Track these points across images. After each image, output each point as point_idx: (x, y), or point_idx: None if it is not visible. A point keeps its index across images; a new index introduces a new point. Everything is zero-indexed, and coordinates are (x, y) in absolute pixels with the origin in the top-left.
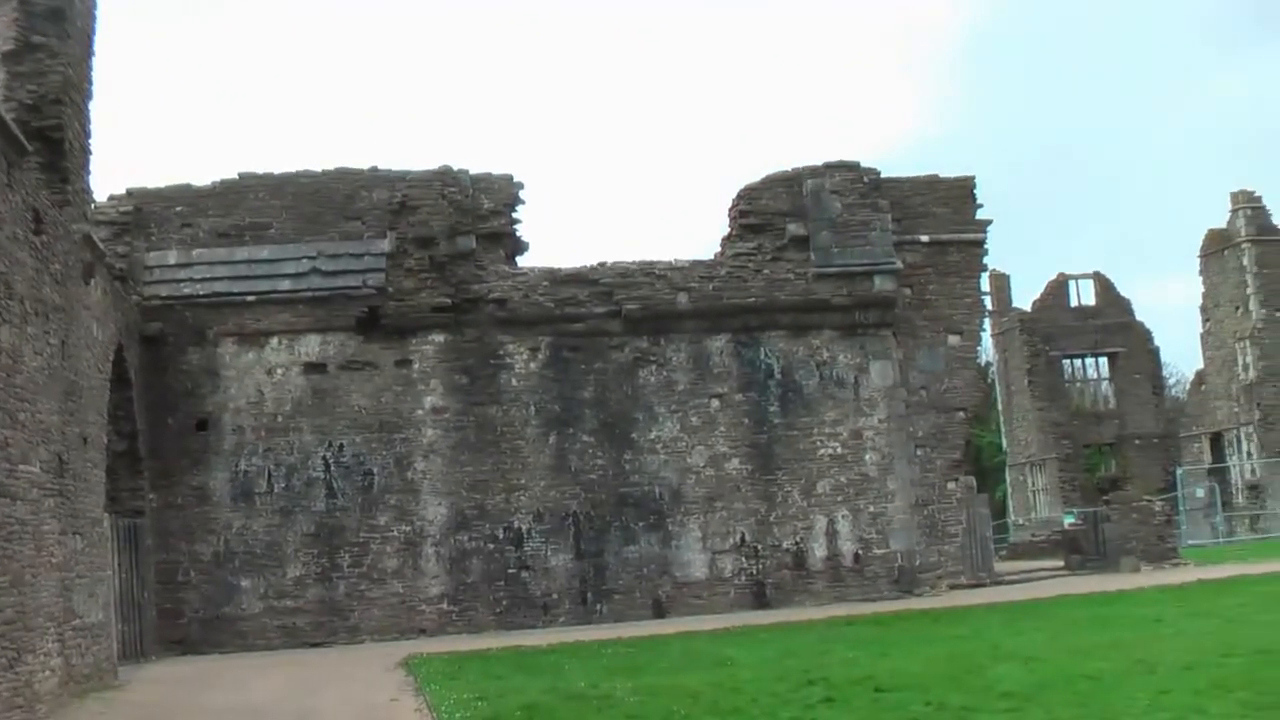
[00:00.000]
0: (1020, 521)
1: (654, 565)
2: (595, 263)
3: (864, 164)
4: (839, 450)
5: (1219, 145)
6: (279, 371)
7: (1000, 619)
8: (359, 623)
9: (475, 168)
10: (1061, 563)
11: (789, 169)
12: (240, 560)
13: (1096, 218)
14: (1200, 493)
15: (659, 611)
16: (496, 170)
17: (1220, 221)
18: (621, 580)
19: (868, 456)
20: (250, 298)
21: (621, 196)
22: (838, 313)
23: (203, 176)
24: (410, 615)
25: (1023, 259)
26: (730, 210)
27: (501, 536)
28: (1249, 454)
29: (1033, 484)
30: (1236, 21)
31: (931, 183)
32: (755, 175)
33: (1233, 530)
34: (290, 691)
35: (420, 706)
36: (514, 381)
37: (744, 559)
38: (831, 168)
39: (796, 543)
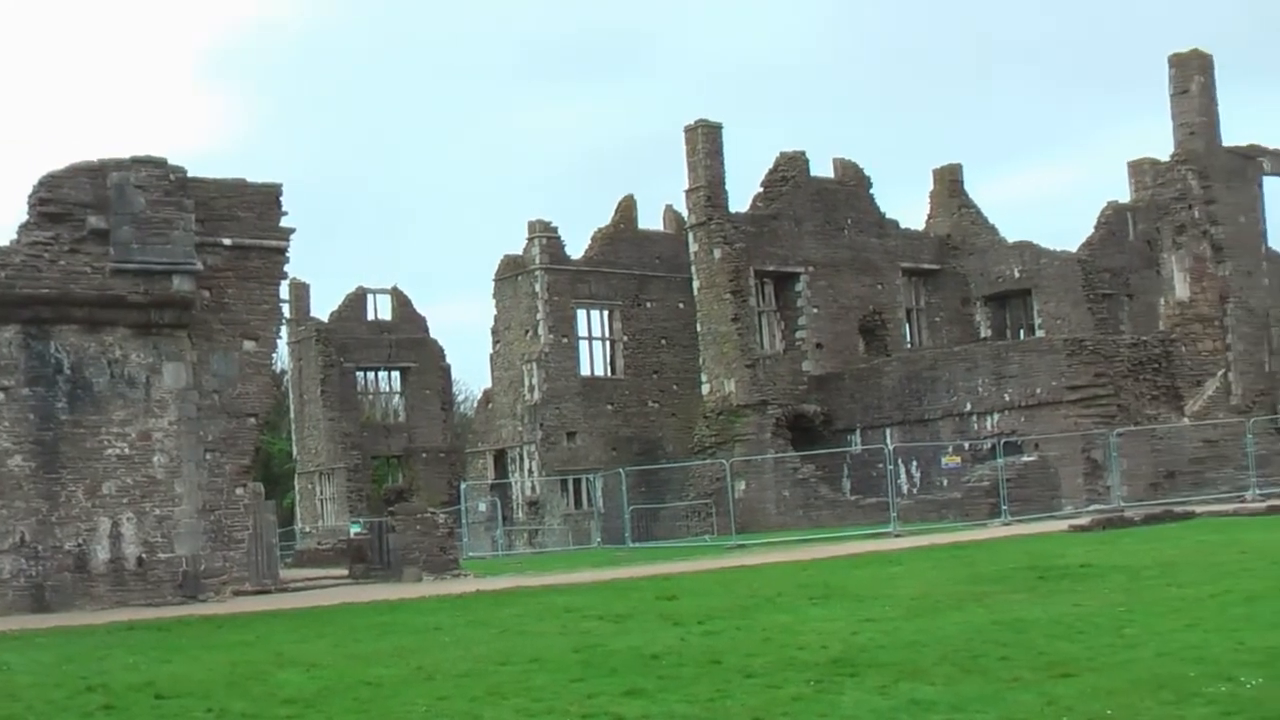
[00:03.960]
0: (307, 529)
1: None
2: None
3: (172, 162)
4: (127, 451)
5: (523, 175)
6: None
7: (284, 626)
8: None
9: None
10: (346, 571)
11: (95, 159)
12: None
13: (398, 235)
14: (483, 507)
15: None
16: None
17: (517, 248)
18: None
19: (156, 459)
20: None
21: None
22: (134, 310)
23: None
24: None
25: (323, 270)
26: (30, 197)
27: None
28: (530, 471)
29: (321, 492)
30: (548, 59)
31: (238, 186)
32: (61, 163)
33: (512, 544)
34: None
35: None
36: None
37: (23, 560)
38: (138, 162)
39: (79, 544)
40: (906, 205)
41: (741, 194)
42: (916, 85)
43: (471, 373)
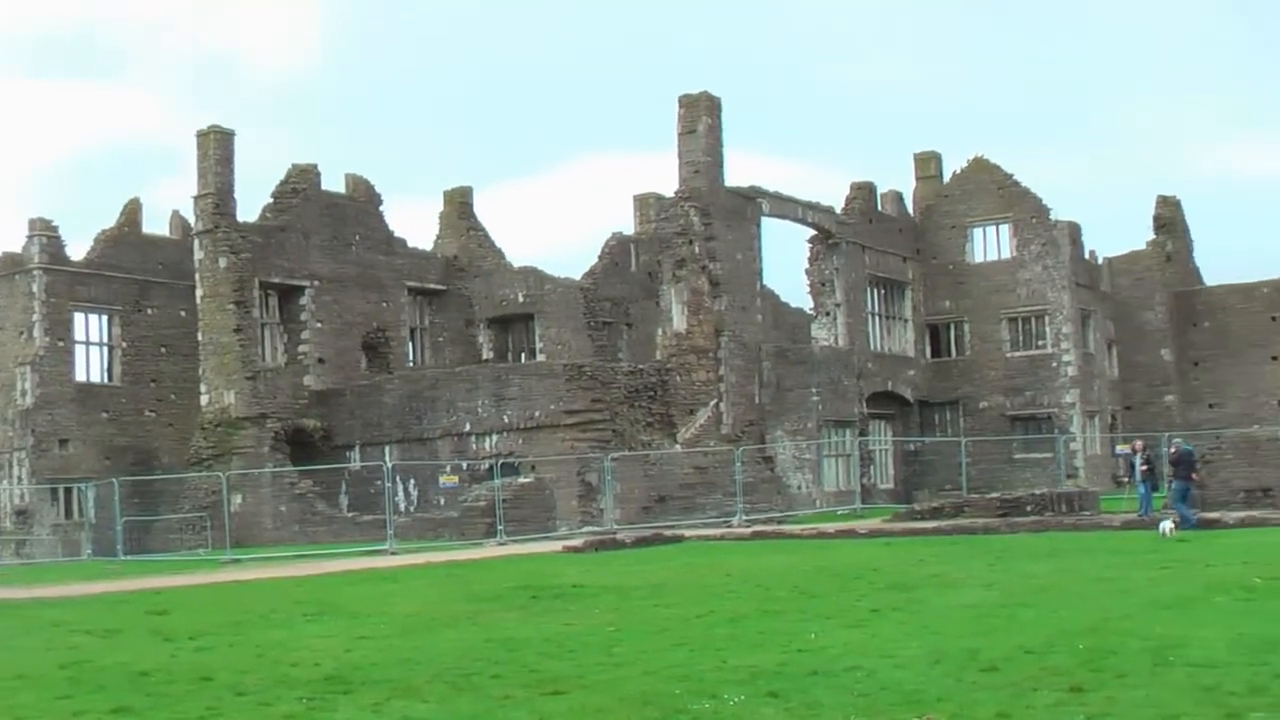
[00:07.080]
0: None
1: None
2: None
3: None
4: None
5: (25, 170)
6: None
7: None
8: None
9: None
10: None
11: None
12: None
13: None
14: None
15: None
16: None
17: (16, 245)
18: None
19: None
20: None
21: None
22: None
23: None
24: None
25: None
26: None
27: None
28: (19, 479)
29: None
30: (50, 51)
31: None
32: None
33: None
34: None
35: None
36: None
37: None
38: None
39: None
40: (416, 225)
41: (251, 204)
42: (432, 106)
43: None
